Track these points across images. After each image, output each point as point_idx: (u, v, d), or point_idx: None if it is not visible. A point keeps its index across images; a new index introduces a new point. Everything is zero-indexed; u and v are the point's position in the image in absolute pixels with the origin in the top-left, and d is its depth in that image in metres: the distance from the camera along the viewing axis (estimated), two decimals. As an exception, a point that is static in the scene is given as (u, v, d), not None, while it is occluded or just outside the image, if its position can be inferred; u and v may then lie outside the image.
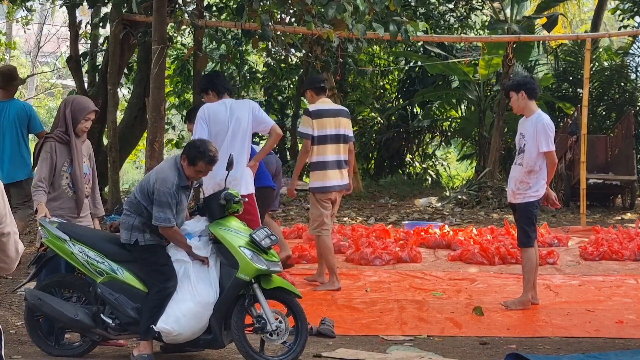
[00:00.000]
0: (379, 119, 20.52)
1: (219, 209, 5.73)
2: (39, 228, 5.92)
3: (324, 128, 8.08)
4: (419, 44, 18.57)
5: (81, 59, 14.09)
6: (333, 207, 8.33)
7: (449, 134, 21.15)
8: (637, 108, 18.41)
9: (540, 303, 7.53)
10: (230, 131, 6.89)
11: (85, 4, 12.48)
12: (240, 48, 17.01)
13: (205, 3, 13.72)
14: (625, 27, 18.74)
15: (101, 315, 5.68)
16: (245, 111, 7.00)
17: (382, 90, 21.16)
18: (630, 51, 19.76)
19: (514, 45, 15.23)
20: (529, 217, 7.35)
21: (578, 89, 18.21)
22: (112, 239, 5.80)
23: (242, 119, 6.95)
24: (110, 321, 5.67)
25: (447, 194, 16.64)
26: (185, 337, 5.56)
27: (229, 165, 5.96)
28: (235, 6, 13.45)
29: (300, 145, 20.11)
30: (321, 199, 8.12)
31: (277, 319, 5.55)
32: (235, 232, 5.64)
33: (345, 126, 8.23)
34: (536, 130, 7.27)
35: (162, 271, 5.59)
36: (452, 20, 18.63)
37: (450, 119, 21.03)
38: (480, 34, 19.27)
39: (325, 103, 8.32)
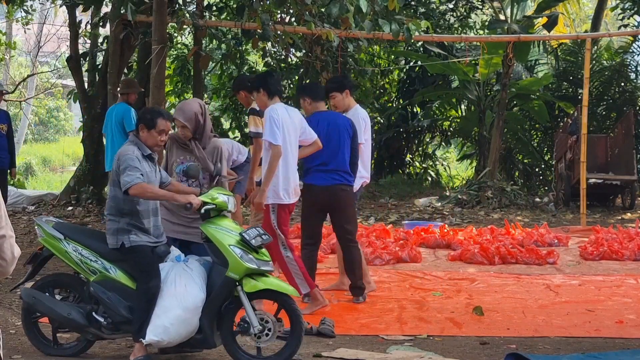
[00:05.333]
0: (379, 119, 20.51)
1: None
2: (36, 227, 5.93)
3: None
4: (419, 43, 18.56)
5: (81, 59, 14.10)
6: None
7: (449, 133, 21.14)
8: (637, 108, 18.39)
9: (540, 303, 7.56)
10: (294, 138, 6.98)
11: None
12: (240, 48, 17.00)
13: (205, 3, 13.72)
14: (625, 26, 18.74)
15: (94, 314, 5.69)
16: (300, 119, 7.10)
17: (382, 90, 21.13)
18: (630, 50, 19.75)
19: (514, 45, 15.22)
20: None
21: (578, 89, 18.19)
22: (106, 238, 5.80)
23: (298, 127, 7.04)
24: (102, 320, 5.67)
25: (447, 193, 16.64)
26: (175, 343, 5.57)
27: (216, 173, 6.07)
28: (235, 6, 13.45)
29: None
30: None
31: (263, 320, 5.54)
32: (225, 231, 5.62)
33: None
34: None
35: (145, 270, 5.59)
36: (452, 20, 18.62)
37: (450, 119, 21.02)
38: (480, 34, 19.26)
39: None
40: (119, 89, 10.67)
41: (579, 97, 16.60)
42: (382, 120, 20.39)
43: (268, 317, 5.57)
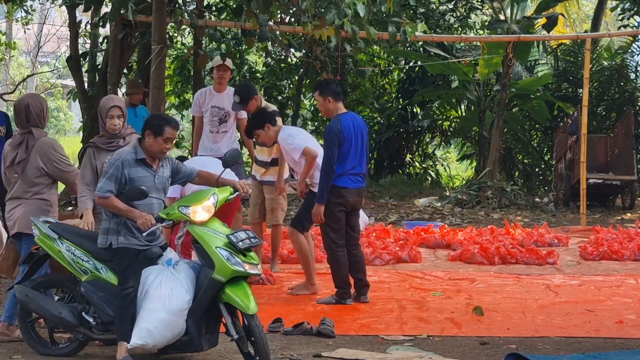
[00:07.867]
0: (379, 119, 20.53)
1: None
2: (32, 227, 5.95)
3: None
4: (419, 43, 18.56)
5: (81, 59, 14.10)
6: None
7: (448, 133, 21.15)
8: (637, 108, 18.40)
9: (540, 303, 7.56)
10: None
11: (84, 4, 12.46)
12: (239, 48, 17.01)
13: (205, 3, 13.72)
14: (625, 26, 18.74)
15: (83, 314, 5.70)
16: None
17: (382, 90, 21.14)
18: (630, 50, 19.76)
19: (514, 45, 15.22)
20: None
21: (578, 89, 18.20)
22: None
23: None
24: (92, 320, 5.68)
25: (447, 194, 16.63)
26: (161, 346, 5.54)
27: (226, 163, 6.01)
28: (235, 6, 13.45)
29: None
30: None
31: (239, 328, 5.53)
32: (213, 233, 5.58)
33: None
34: None
35: (124, 273, 5.60)
36: (452, 20, 18.62)
37: (450, 119, 21.03)
38: (480, 34, 19.26)
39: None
40: (125, 90, 10.60)
41: (579, 97, 16.61)
42: (382, 120, 20.41)
43: (238, 325, 5.53)
